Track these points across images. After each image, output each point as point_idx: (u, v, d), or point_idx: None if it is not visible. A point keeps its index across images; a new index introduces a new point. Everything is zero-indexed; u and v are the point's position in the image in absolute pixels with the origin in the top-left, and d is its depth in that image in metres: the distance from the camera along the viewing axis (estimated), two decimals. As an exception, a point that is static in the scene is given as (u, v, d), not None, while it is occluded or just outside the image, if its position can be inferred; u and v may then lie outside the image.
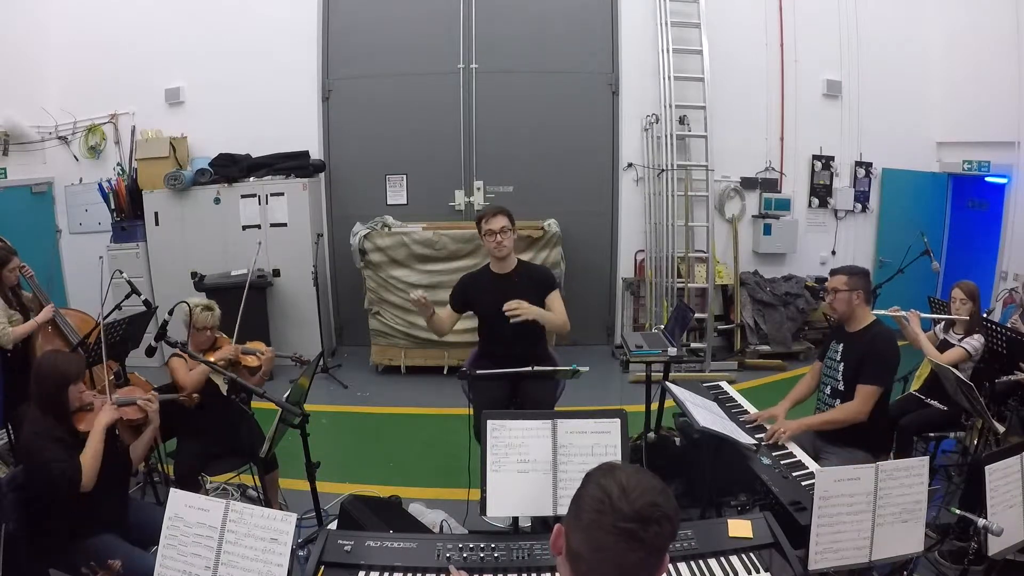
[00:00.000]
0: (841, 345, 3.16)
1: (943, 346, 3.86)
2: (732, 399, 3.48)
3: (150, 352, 3.12)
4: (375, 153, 6.48)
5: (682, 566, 2.02)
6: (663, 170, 6.07)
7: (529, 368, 3.13)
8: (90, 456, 2.47)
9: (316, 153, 6.30)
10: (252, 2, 6.21)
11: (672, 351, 3.73)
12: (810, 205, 6.64)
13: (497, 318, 3.44)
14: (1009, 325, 3.87)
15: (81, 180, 6.37)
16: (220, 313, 3.49)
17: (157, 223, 6.06)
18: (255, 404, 3.30)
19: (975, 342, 3.71)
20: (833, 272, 3.28)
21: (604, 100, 6.43)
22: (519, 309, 3.26)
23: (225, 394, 3.35)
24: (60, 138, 6.30)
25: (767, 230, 6.46)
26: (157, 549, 2.00)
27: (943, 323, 3.98)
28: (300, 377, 3.12)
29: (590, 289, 6.51)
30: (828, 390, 3.22)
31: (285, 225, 6.03)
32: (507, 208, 3.52)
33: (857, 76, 6.46)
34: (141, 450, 2.87)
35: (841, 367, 3.12)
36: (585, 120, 6.45)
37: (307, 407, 2.93)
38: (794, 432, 3.01)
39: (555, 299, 3.54)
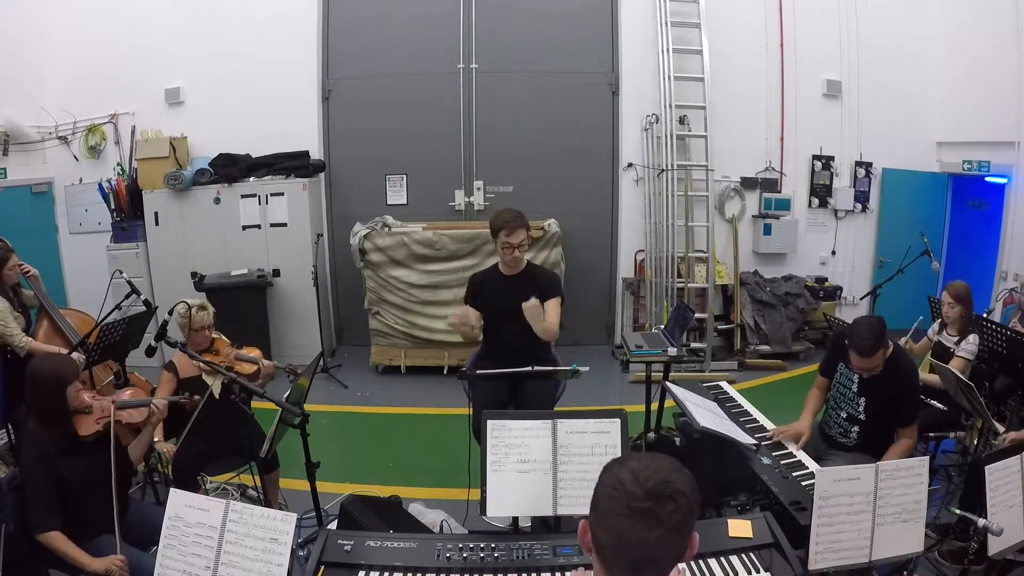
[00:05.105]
0: (857, 376, 2.98)
1: (939, 348, 3.87)
2: (732, 399, 3.48)
3: (150, 352, 3.12)
4: (375, 153, 6.47)
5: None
6: (663, 170, 6.06)
7: (529, 368, 3.13)
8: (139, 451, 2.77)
9: (316, 153, 6.30)
10: (252, 2, 6.20)
11: (672, 351, 3.73)
12: (810, 205, 6.63)
13: (502, 318, 3.45)
14: (1010, 326, 3.86)
15: (81, 180, 6.36)
16: (213, 311, 3.49)
17: (157, 223, 6.05)
18: (255, 404, 3.30)
19: (971, 346, 3.69)
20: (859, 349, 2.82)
21: (604, 100, 6.43)
22: (532, 308, 3.26)
23: (217, 398, 3.33)
24: (60, 138, 6.29)
25: (767, 230, 6.46)
26: (157, 549, 2.00)
27: (937, 324, 3.98)
28: (300, 377, 3.12)
29: (590, 289, 6.51)
30: (844, 415, 3.07)
31: (285, 225, 6.02)
32: (525, 217, 3.43)
33: (857, 76, 6.45)
34: (140, 450, 2.86)
35: (863, 401, 2.98)
36: (585, 120, 6.44)
37: (307, 407, 2.94)
38: None
39: (552, 306, 3.50)
